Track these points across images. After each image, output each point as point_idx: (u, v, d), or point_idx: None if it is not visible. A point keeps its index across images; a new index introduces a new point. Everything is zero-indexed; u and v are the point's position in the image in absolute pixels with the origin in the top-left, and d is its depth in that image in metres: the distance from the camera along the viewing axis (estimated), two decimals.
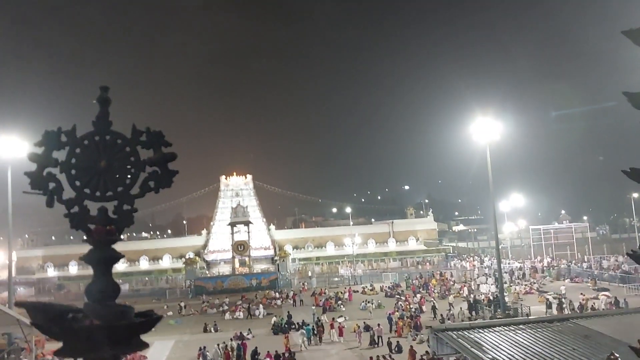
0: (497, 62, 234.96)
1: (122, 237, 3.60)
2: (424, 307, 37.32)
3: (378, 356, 23.02)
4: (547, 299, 35.28)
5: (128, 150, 3.51)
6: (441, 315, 33.92)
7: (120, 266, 67.52)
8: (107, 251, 3.43)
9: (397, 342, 27.18)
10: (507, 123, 38.12)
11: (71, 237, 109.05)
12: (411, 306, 37.38)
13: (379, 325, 29.56)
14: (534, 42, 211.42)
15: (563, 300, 35.41)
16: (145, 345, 3.24)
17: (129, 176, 3.50)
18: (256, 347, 26.71)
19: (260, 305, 42.24)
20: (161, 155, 3.50)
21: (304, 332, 30.21)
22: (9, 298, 32.19)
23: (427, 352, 23.06)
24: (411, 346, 24.77)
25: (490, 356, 15.39)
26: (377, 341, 28.55)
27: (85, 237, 3.47)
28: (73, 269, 68.01)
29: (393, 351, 25.87)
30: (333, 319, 32.93)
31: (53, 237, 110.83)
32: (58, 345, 3.10)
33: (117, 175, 3.47)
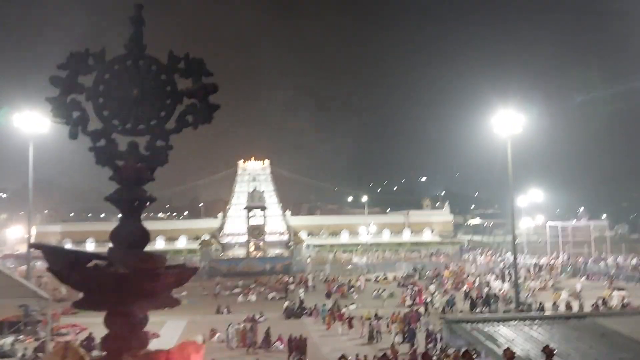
0: (519, 50, 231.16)
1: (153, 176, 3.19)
2: (417, 299, 36.76)
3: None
4: (555, 302, 34.28)
5: (164, 78, 3.11)
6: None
7: None
8: (136, 191, 3.06)
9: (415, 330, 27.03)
10: (529, 114, 37.26)
11: (89, 215, 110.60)
12: (421, 297, 37.15)
13: (377, 319, 29.18)
14: (555, 25, 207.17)
15: (571, 300, 34.82)
16: (176, 302, 2.91)
17: (164, 108, 3.10)
18: (268, 328, 26.87)
19: (301, 290, 41.89)
20: (201, 86, 3.07)
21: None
22: (27, 271, 32.73)
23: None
24: (393, 344, 24.51)
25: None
26: (375, 337, 27.45)
27: (112, 175, 3.07)
28: (90, 245, 68.95)
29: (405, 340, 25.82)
30: (345, 306, 32.97)
31: (71, 214, 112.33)
32: (73, 321, 2.80)
33: (151, 107, 3.08)
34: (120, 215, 3.03)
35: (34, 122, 30.80)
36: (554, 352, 7.54)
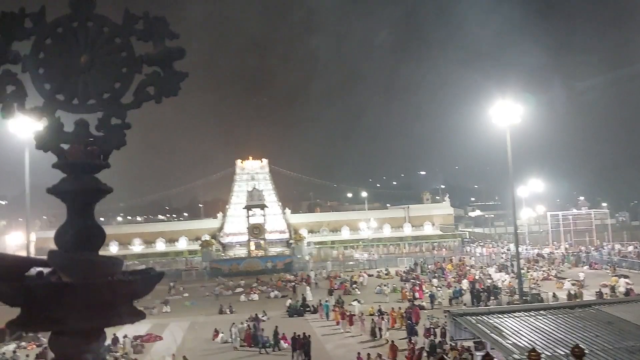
0: (516, 39, 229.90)
1: (108, 161, 2.58)
2: (416, 294, 36.69)
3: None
4: (554, 293, 34.03)
5: (118, 42, 2.56)
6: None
7: (136, 248, 68.18)
8: (87, 181, 2.50)
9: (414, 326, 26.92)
10: (527, 104, 37.02)
11: None
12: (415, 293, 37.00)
13: (379, 316, 28.85)
14: (554, 11, 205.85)
15: (575, 289, 34.63)
16: (140, 316, 2.41)
17: (119, 78, 2.57)
18: (276, 327, 26.83)
19: (308, 288, 41.47)
20: (165, 51, 2.53)
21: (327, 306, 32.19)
22: None
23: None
24: (392, 341, 24.32)
25: (510, 342, 15.07)
26: (377, 334, 27.13)
27: (55, 162, 2.50)
28: None
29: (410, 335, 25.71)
30: (354, 301, 32.96)
31: None
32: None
33: (103, 77, 2.54)
34: (66, 210, 2.51)
35: (29, 127, 30.49)
36: (586, 353, 7.17)
